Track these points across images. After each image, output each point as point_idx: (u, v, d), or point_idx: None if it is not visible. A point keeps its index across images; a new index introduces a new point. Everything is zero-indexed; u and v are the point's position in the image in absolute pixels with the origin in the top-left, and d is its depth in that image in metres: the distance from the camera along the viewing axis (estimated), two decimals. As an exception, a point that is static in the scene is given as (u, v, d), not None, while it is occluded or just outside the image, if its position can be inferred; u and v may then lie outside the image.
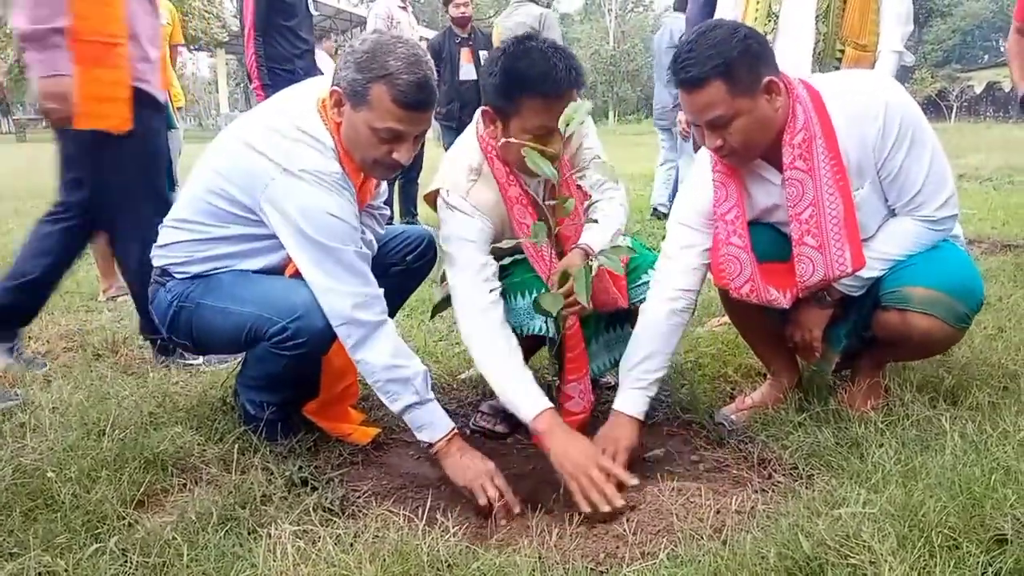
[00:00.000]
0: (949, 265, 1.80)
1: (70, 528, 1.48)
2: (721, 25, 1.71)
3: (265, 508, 1.62)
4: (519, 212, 1.91)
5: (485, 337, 1.87)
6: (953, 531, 1.33)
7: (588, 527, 1.61)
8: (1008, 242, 4.55)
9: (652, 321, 1.94)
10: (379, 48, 1.67)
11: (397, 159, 1.75)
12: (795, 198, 1.79)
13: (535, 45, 1.74)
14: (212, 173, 1.82)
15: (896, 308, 1.81)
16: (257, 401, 1.94)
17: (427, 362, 2.55)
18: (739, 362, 2.52)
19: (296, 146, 1.73)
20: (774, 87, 1.70)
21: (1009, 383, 2.10)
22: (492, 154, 1.90)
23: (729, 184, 1.86)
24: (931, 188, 1.77)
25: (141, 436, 1.85)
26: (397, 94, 1.65)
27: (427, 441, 1.80)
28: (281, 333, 1.77)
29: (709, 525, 1.55)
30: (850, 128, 1.74)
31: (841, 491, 1.54)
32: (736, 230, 1.86)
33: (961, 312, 1.78)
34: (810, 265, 1.82)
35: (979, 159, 10.09)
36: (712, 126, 1.72)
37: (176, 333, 1.92)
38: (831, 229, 1.77)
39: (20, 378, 2.41)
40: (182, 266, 1.88)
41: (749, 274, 1.86)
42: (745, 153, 1.78)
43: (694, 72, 1.66)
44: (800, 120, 1.74)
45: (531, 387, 1.83)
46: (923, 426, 1.80)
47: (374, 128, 1.69)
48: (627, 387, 1.93)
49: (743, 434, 2.01)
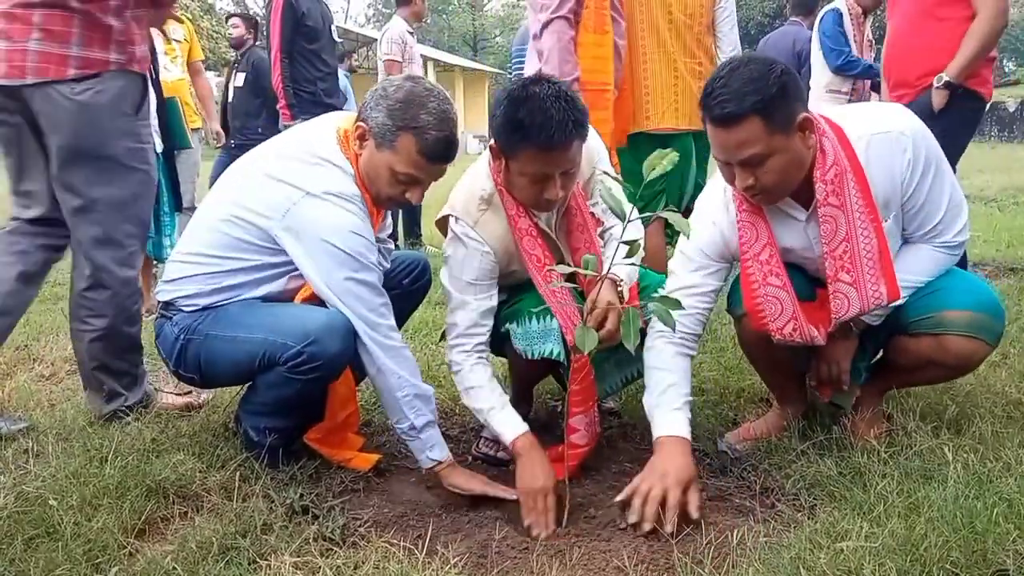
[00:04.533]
0: (972, 285, 1.85)
1: (71, 558, 1.48)
2: (755, 60, 1.67)
3: (266, 537, 1.62)
4: (529, 244, 1.93)
5: (463, 372, 1.96)
6: (955, 566, 1.33)
7: (588, 558, 1.61)
8: (1013, 265, 4.54)
9: (666, 357, 1.91)
10: (413, 99, 1.77)
11: (409, 199, 1.87)
12: (829, 234, 1.76)
13: (538, 92, 1.73)
14: (228, 204, 1.87)
15: (930, 334, 1.82)
16: (261, 427, 1.94)
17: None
18: (741, 386, 2.52)
19: (317, 170, 1.82)
20: (808, 124, 1.68)
21: (1013, 411, 2.09)
22: (502, 186, 1.92)
23: (758, 223, 1.83)
24: (951, 216, 1.80)
25: (143, 463, 1.85)
26: (424, 147, 1.77)
27: (438, 460, 1.89)
28: (297, 358, 1.78)
29: (711, 558, 1.54)
30: (878, 162, 1.73)
31: (843, 523, 1.53)
32: (773, 269, 1.82)
33: (999, 330, 1.81)
34: (845, 301, 1.79)
35: (983, 180, 10.08)
36: (745, 164, 1.67)
37: (183, 367, 1.93)
38: (866, 264, 1.75)
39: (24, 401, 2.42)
40: (191, 299, 1.90)
41: (791, 313, 1.82)
42: (777, 192, 1.74)
43: (731, 108, 1.60)
44: (830, 156, 1.71)
45: (508, 414, 1.92)
46: (926, 456, 1.80)
47: (394, 171, 1.80)
48: (663, 412, 1.86)
49: (746, 462, 2.00)
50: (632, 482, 1.76)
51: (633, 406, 2.42)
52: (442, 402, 2.49)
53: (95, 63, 2.10)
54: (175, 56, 4.52)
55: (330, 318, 1.80)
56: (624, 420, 2.37)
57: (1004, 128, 25.53)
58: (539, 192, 1.82)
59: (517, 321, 1.99)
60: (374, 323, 1.84)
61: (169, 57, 4.49)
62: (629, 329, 1.58)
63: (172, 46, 4.50)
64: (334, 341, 1.79)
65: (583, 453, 1.96)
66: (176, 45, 4.52)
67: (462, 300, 1.96)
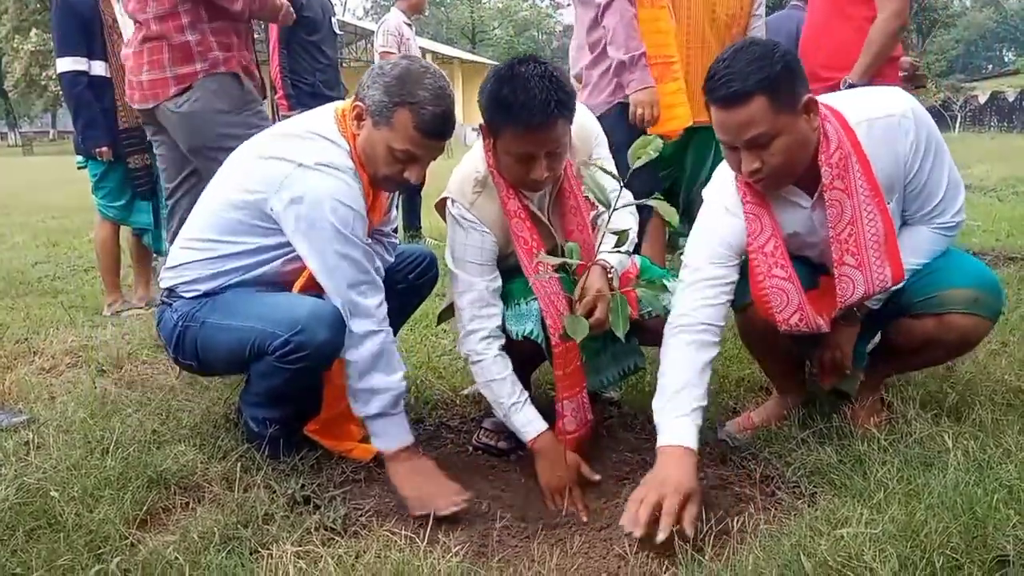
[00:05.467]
0: (969, 264, 1.86)
1: (73, 549, 1.48)
2: (757, 43, 1.66)
3: (267, 527, 1.62)
4: (517, 226, 1.91)
5: (485, 363, 1.92)
6: (955, 552, 1.33)
7: (589, 546, 1.61)
8: (1012, 254, 4.53)
9: (682, 356, 1.79)
10: (409, 76, 1.76)
11: (407, 178, 1.84)
12: (835, 218, 1.75)
13: (523, 71, 1.72)
14: (227, 188, 1.88)
15: (932, 314, 1.83)
16: (260, 418, 1.95)
17: (430, 377, 2.57)
18: (741, 375, 2.52)
19: (311, 144, 1.82)
20: (812, 105, 1.67)
21: (1013, 399, 2.09)
22: (493, 167, 1.91)
23: (763, 216, 1.82)
24: (950, 196, 1.81)
25: (144, 454, 1.86)
26: (420, 122, 1.75)
27: (381, 448, 1.88)
28: (284, 346, 1.78)
29: (711, 545, 1.54)
30: (881, 145, 1.73)
31: (843, 510, 1.54)
32: (778, 261, 1.81)
33: (998, 306, 1.83)
34: (851, 284, 1.79)
35: (983, 170, 10.08)
36: (751, 145, 1.64)
37: (182, 353, 1.93)
38: (871, 247, 1.75)
39: (25, 395, 2.42)
40: (191, 284, 1.91)
41: (797, 303, 1.81)
42: (783, 176, 1.72)
43: (737, 87, 1.59)
44: (834, 140, 1.70)
45: (528, 410, 1.90)
46: (926, 443, 1.80)
47: (392, 148, 1.78)
48: (668, 419, 1.73)
49: (746, 451, 2.00)
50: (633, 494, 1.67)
51: (633, 396, 2.42)
52: (442, 393, 2.50)
53: (186, 77, 2.59)
54: None
55: (318, 307, 1.80)
56: (624, 410, 2.38)
57: (1004, 118, 25.53)
58: (525, 172, 1.81)
59: (507, 303, 1.99)
60: (352, 301, 1.81)
61: None
62: (618, 317, 1.58)
63: None
64: (321, 329, 1.78)
65: (573, 439, 1.95)
66: None
67: (469, 282, 1.94)
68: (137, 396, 2.37)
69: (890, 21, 2.70)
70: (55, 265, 5.06)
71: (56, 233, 6.63)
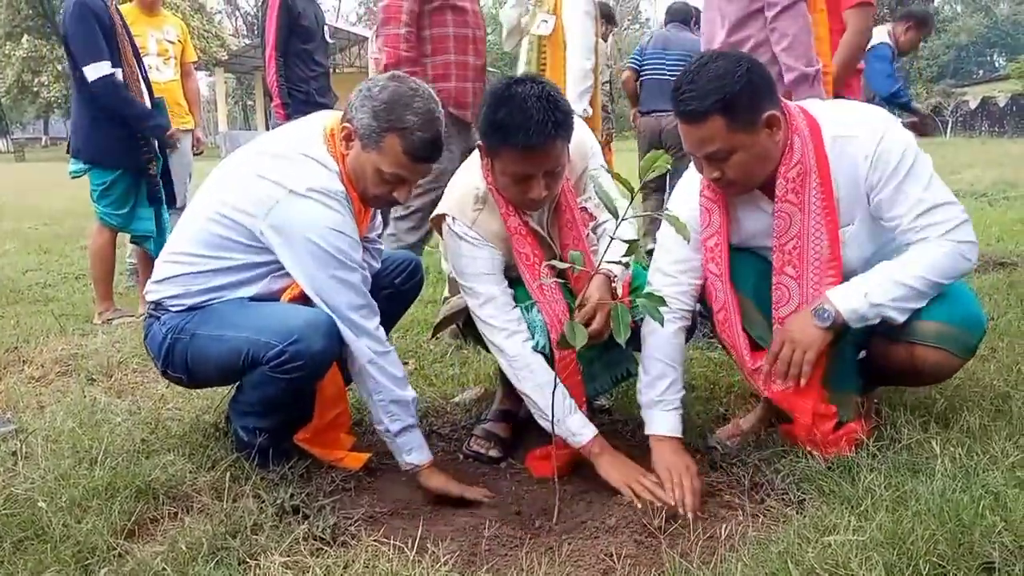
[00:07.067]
0: (953, 298, 1.78)
1: (60, 560, 1.48)
2: (724, 56, 1.70)
3: (256, 537, 1.62)
4: (519, 242, 1.94)
5: (534, 366, 1.94)
6: (941, 559, 1.33)
7: (578, 555, 1.61)
8: (1001, 259, 4.56)
9: (664, 343, 1.94)
10: (398, 100, 1.77)
11: (396, 197, 1.86)
12: (781, 229, 1.81)
13: (520, 92, 1.73)
14: (216, 203, 1.87)
15: (905, 342, 1.79)
16: (250, 427, 1.94)
17: (421, 385, 2.57)
18: (730, 382, 2.53)
19: (301, 168, 1.81)
20: (775, 121, 1.70)
21: (1001, 404, 2.10)
22: (492, 185, 1.92)
23: (714, 211, 1.88)
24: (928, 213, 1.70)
25: (133, 464, 1.85)
26: (409, 147, 1.77)
27: (415, 463, 1.91)
28: (279, 357, 1.78)
29: (699, 553, 1.55)
30: (841, 166, 1.74)
31: (831, 517, 1.54)
32: (714, 257, 1.89)
33: (971, 344, 1.79)
34: (786, 293, 1.84)
35: (974, 174, 10.12)
36: (710, 159, 1.72)
37: (171, 367, 1.93)
38: (811, 262, 1.79)
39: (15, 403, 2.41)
40: (177, 299, 1.90)
41: (723, 301, 1.90)
42: (743, 185, 1.79)
43: (694, 106, 1.65)
44: (797, 154, 1.74)
45: (579, 416, 1.93)
46: (914, 450, 1.80)
47: (380, 171, 1.80)
48: (657, 411, 1.93)
49: (735, 458, 2.00)
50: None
51: (624, 403, 2.43)
52: (433, 400, 2.50)
53: None
54: (168, 57, 4.47)
55: (313, 316, 1.80)
56: (615, 417, 2.38)
57: (994, 123, 25.64)
58: (523, 192, 1.82)
59: None
60: (356, 323, 1.84)
61: (162, 58, 4.45)
62: (619, 325, 1.58)
63: (165, 47, 4.46)
64: (317, 339, 1.78)
65: (571, 452, 1.95)
66: (169, 46, 4.48)
67: (489, 293, 1.95)
68: (127, 405, 2.37)
69: (858, 36, 2.87)
70: (46, 272, 5.04)
71: (48, 240, 6.60)
